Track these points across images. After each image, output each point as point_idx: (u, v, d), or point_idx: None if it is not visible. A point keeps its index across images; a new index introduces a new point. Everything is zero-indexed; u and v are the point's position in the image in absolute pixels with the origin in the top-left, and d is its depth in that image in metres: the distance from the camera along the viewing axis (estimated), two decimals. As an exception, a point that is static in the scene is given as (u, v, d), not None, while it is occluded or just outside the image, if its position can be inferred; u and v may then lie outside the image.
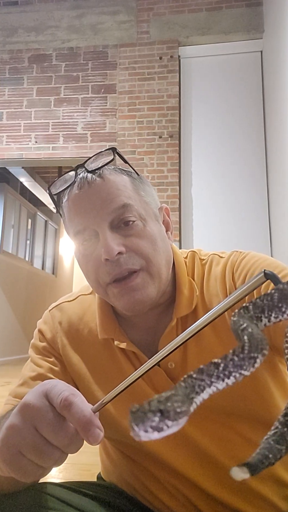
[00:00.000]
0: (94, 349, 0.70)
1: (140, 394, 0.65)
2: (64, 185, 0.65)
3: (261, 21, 3.92)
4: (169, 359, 0.64)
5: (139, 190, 0.66)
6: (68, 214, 0.65)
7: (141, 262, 0.62)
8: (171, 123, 3.92)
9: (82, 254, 0.65)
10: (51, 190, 0.66)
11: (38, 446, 0.40)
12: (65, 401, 0.39)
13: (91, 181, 0.63)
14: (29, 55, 4.24)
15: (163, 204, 0.72)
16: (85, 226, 0.62)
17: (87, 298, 0.76)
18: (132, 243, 0.61)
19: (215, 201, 3.79)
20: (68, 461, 1.87)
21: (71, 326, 0.73)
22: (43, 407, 0.41)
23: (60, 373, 0.69)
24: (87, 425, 0.38)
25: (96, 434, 0.38)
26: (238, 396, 0.62)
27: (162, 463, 0.65)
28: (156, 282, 0.63)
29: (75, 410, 0.39)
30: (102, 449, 0.80)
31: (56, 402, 0.40)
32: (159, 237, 0.65)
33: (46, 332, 0.74)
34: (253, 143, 3.85)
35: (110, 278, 0.61)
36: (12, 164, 4.34)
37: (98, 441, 0.38)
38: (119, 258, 0.60)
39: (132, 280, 0.61)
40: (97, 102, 4.07)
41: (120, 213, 0.62)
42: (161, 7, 4.12)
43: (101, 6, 4.19)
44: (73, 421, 0.39)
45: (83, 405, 0.39)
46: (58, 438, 0.40)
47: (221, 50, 4.04)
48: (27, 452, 0.41)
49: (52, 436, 0.40)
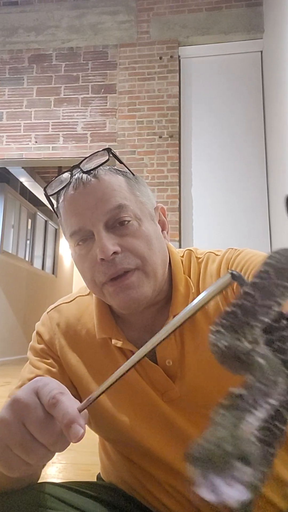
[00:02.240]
0: (92, 350, 0.70)
1: (140, 393, 0.66)
2: (60, 186, 0.66)
3: (261, 21, 3.92)
4: (166, 357, 0.64)
5: (134, 190, 0.66)
6: (64, 214, 0.66)
7: (137, 262, 0.62)
8: (171, 123, 3.92)
9: (78, 254, 0.65)
10: (47, 191, 0.67)
11: (25, 442, 0.41)
12: (53, 399, 0.40)
13: (86, 182, 0.63)
14: (29, 55, 4.24)
15: (159, 204, 0.72)
16: (81, 227, 0.63)
17: (85, 299, 0.76)
18: (128, 243, 0.62)
19: (215, 201, 3.79)
20: (68, 461, 1.87)
21: (69, 327, 0.73)
22: (32, 403, 0.42)
23: (58, 374, 0.70)
24: (69, 422, 0.39)
25: (76, 430, 0.38)
26: None
27: (160, 463, 0.65)
28: (151, 281, 0.63)
29: (60, 407, 0.40)
30: (102, 450, 0.80)
31: (45, 400, 0.41)
32: (154, 236, 0.65)
33: (43, 334, 0.74)
34: (253, 143, 3.85)
35: (105, 277, 0.62)
36: (12, 164, 4.34)
37: (78, 438, 0.38)
38: (115, 257, 0.61)
39: (128, 278, 0.61)
40: (97, 102, 4.07)
41: (115, 214, 0.62)
42: (161, 7, 4.12)
43: (101, 6, 4.19)
44: (58, 418, 0.40)
45: (69, 403, 0.40)
46: (44, 436, 0.41)
47: (221, 50, 4.04)
48: (14, 447, 0.42)
49: (38, 433, 0.41)
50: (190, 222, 3.81)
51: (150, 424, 0.65)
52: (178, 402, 0.64)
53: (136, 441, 0.65)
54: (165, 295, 0.69)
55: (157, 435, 0.64)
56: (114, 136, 3.96)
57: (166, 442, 0.64)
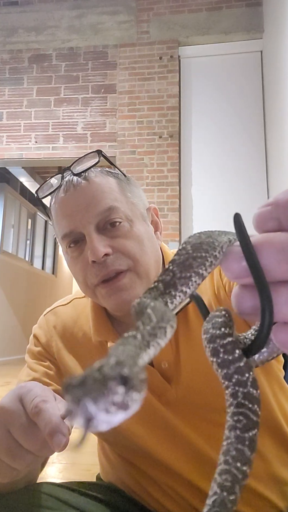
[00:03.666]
0: (89, 352, 0.70)
1: None
2: (51, 188, 0.66)
3: (261, 21, 3.92)
4: (162, 359, 0.64)
5: (125, 191, 0.66)
6: (55, 217, 0.66)
7: (128, 263, 0.62)
8: (171, 123, 3.92)
9: (70, 256, 0.65)
10: (39, 193, 0.67)
11: (11, 449, 0.42)
12: (35, 408, 0.40)
13: (77, 184, 0.63)
14: (29, 55, 4.24)
15: (151, 204, 0.72)
16: (72, 229, 0.63)
17: (81, 301, 0.76)
18: (119, 244, 0.62)
19: (215, 201, 3.79)
20: (68, 461, 1.87)
21: (65, 330, 0.73)
22: (16, 411, 0.42)
23: (55, 377, 0.70)
24: (51, 430, 0.39)
25: (58, 440, 0.38)
26: None
27: (158, 465, 0.65)
28: (144, 282, 0.63)
29: (43, 416, 0.40)
30: (100, 451, 0.80)
31: (28, 408, 0.41)
32: (146, 237, 0.65)
33: (40, 337, 0.74)
34: (253, 143, 3.85)
35: (97, 279, 0.62)
36: (12, 164, 4.35)
37: (60, 447, 0.39)
38: (106, 259, 0.61)
39: (119, 280, 0.61)
40: (97, 102, 4.07)
41: (106, 215, 0.62)
42: (161, 7, 4.12)
43: (101, 6, 4.19)
44: (41, 427, 0.40)
45: (52, 411, 0.40)
46: (30, 442, 0.41)
47: (221, 50, 4.04)
48: (0, 453, 0.42)
49: (23, 440, 0.41)
50: (190, 222, 3.81)
51: (148, 426, 0.65)
52: (175, 404, 0.64)
53: (135, 443, 0.65)
54: None
55: (155, 437, 0.64)
56: (114, 136, 3.96)
57: (164, 444, 0.64)
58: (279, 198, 0.22)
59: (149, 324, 0.22)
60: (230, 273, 0.22)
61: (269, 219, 0.22)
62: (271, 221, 0.22)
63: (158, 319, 0.23)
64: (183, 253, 0.25)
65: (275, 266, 0.21)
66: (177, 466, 0.63)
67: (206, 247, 0.25)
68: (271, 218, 0.22)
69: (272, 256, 0.21)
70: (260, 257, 0.21)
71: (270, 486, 0.62)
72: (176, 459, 0.64)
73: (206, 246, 0.25)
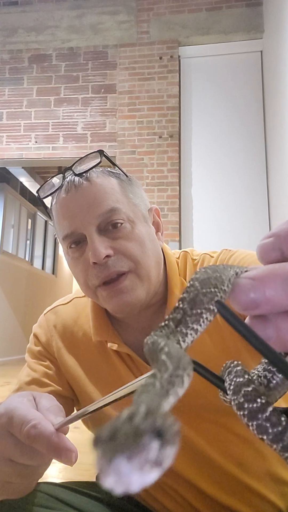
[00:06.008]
0: (89, 351, 0.70)
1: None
2: (52, 188, 0.66)
3: (261, 21, 3.92)
4: None
5: (127, 192, 0.66)
6: (56, 217, 0.65)
7: (130, 264, 0.62)
8: (171, 123, 3.92)
9: (71, 257, 0.65)
10: (40, 193, 0.66)
11: (21, 472, 0.43)
12: (28, 438, 0.39)
13: (78, 185, 0.63)
14: (29, 55, 4.24)
15: (153, 205, 0.72)
16: (73, 230, 0.63)
17: (82, 300, 0.76)
18: (120, 246, 0.62)
19: (215, 201, 3.79)
20: (68, 461, 1.87)
21: (66, 329, 0.73)
22: (9, 443, 0.41)
23: (55, 376, 0.70)
24: (56, 451, 0.38)
25: (67, 457, 0.38)
26: None
27: None
28: (145, 284, 0.63)
29: (40, 442, 0.38)
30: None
31: (20, 438, 0.40)
32: (148, 238, 0.65)
33: (40, 336, 0.74)
34: (253, 143, 3.85)
35: (98, 281, 0.61)
36: (12, 164, 4.34)
37: (73, 461, 0.38)
38: (107, 261, 0.60)
39: (121, 282, 0.61)
40: (97, 102, 4.07)
41: (108, 217, 0.62)
42: (161, 7, 4.12)
43: (101, 6, 4.19)
44: (43, 451, 0.39)
45: (46, 432, 0.38)
46: (36, 460, 0.41)
47: (221, 50, 4.04)
48: (14, 479, 0.44)
49: (29, 462, 0.41)
50: (190, 222, 3.81)
51: None
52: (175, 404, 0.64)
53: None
54: (161, 297, 0.68)
55: None
56: (114, 136, 3.96)
57: None
58: (280, 229, 0.22)
59: (166, 371, 0.22)
60: (239, 306, 0.22)
61: (271, 250, 0.22)
62: (274, 252, 0.22)
63: (175, 366, 0.23)
64: (192, 290, 0.25)
65: (282, 296, 0.21)
66: (178, 466, 0.63)
67: (214, 282, 0.25)
68: (274, 249, 0.22)
69: (278, 286, 0.21)
70: (266, 288, 0.21)
71: (270, 486, 0.62)
72: (176, 459, 0.64)
73: (215, 281, 0.25)
